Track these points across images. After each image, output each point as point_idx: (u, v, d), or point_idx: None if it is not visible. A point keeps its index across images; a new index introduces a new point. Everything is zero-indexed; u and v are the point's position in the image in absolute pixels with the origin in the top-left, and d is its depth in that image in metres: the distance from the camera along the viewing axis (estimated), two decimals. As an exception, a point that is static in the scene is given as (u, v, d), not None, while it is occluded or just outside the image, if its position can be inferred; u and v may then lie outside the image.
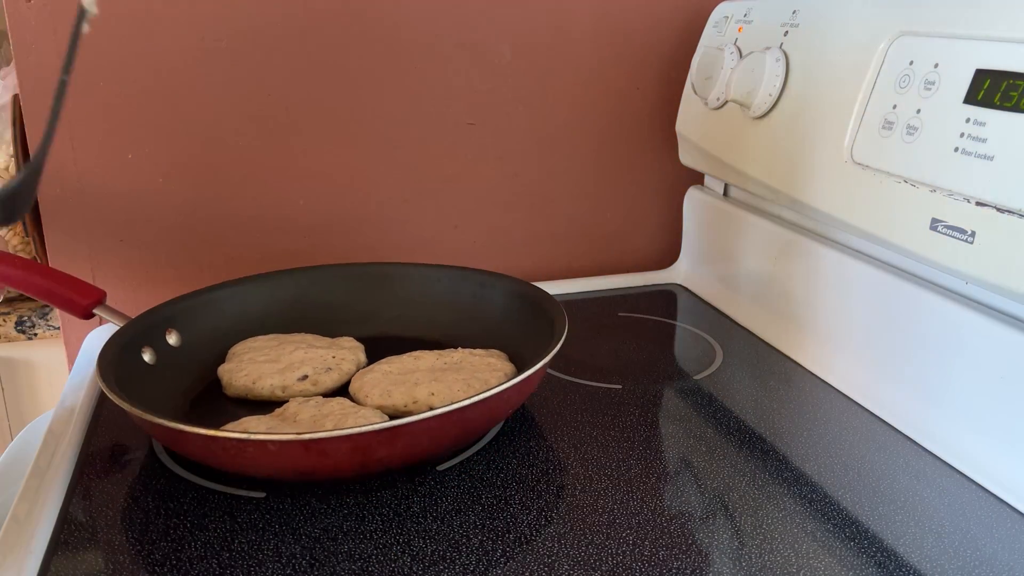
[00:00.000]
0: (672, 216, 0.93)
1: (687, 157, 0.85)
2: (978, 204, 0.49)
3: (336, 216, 0.83)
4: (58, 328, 0.97)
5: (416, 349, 0.65)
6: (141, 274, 0.80)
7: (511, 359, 0.64)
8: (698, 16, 0.85)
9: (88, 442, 0.58)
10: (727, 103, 0.75)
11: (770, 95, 0.68)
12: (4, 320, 1.04)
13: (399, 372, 0.62)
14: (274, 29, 0.76)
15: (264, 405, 0.61)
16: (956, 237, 0.51)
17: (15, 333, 1.04)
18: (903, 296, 0.58)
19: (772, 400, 0.62)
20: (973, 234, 0.49)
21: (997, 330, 0.51)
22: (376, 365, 0.63)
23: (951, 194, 0.51)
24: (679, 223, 0.92)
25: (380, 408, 0.58)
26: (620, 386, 0.64)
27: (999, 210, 0.48)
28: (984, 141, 0.49)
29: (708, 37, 0.80)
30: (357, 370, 0.64)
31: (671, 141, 0.88)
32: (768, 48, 0.69)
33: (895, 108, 0.56)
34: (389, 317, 0.72)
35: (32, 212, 0.80)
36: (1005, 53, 0.49)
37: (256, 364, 0.63)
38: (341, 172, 0.82)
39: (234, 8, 0.75)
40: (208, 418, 0.60)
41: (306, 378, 0.62)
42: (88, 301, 0.63)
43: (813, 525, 0.47)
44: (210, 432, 0.47)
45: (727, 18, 0.78)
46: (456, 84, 0.82)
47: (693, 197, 0.87)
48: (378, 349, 0.67)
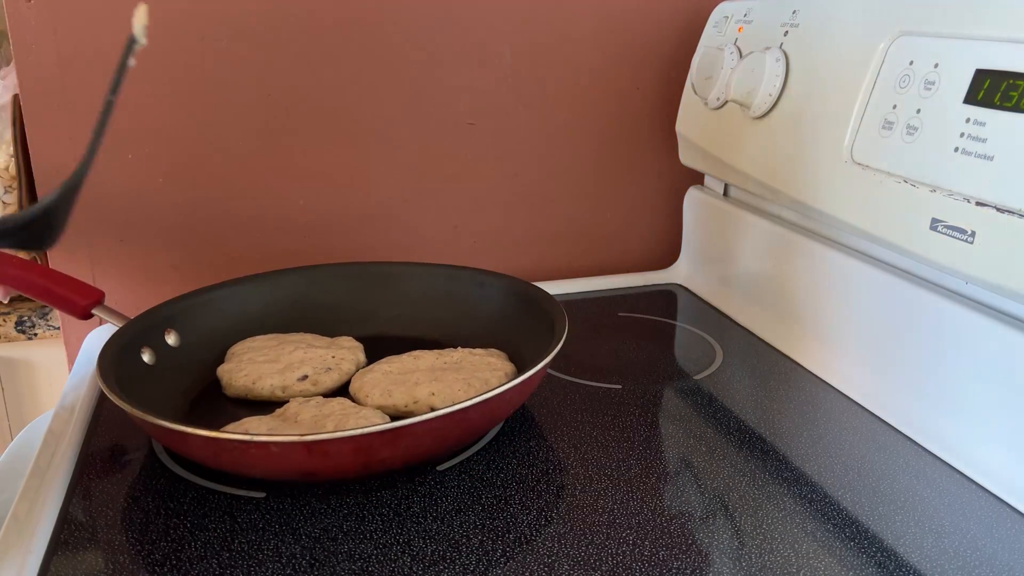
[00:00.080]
0: (672, 216, 0.93)
1: (687, 157, 0.85)
2: (978, 204, 0.49)
3: (336, 216, 0.83)
4: (58, 328, 0.97)
5: (415, 349, 0.65)
6: (141, 274, 0.80)
7: (510, 358, 0.64)
8: (698, 16, 0.85)
9: (88, 442, 0.58)
10: (727, 103, 0.75)
11: (770, 95, 0.68)
12: (4, 320, 1.04)
13: (399, 372, 0.62)
14: (274, 30, 0.76)
15: (264, 405, 0.61)
16: (956, 237, 0.51)
17: (15, 333, 1.04)
18: (903, 296, 0.58)
19: (772, 400, 0.62)
20: (973, 234, 0.49)
21: (997, 330, 0.51)
22: (376, 365, 0.63)
23: (951, 194, 0.51)
24: (679, 223, 0.92)
25: (381, 408, 0.58)
26: (620, 386, 0.64)
27: (999, 210, 0.48)
28: (984, 141, 0.49)
29: (708, 37, 0.80)
30: (357, 370, 0.64)
31: (671, 141, 0.88)
32: (768, 48, 0.69)
33: (895, 108, 0.56)
34: (388, 317, 0.72)
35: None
36: (1005, 53, 0.49)
37: (256, 364, 0.63)
38: (341, 172, 0.82)
39: (234, 8, 0.75)
40: (208, 419, 0.60)
41: (306, 378, 0.62)
42: (87, 302, 0.63)
43: (813, 525, 0.47)
44: (212, 433, 0.47)
45: (727, 18, 0.78)
46: (456, 84, 0.82)
47: (693, 197, 0.87)
48: (377, 349, 0.67)
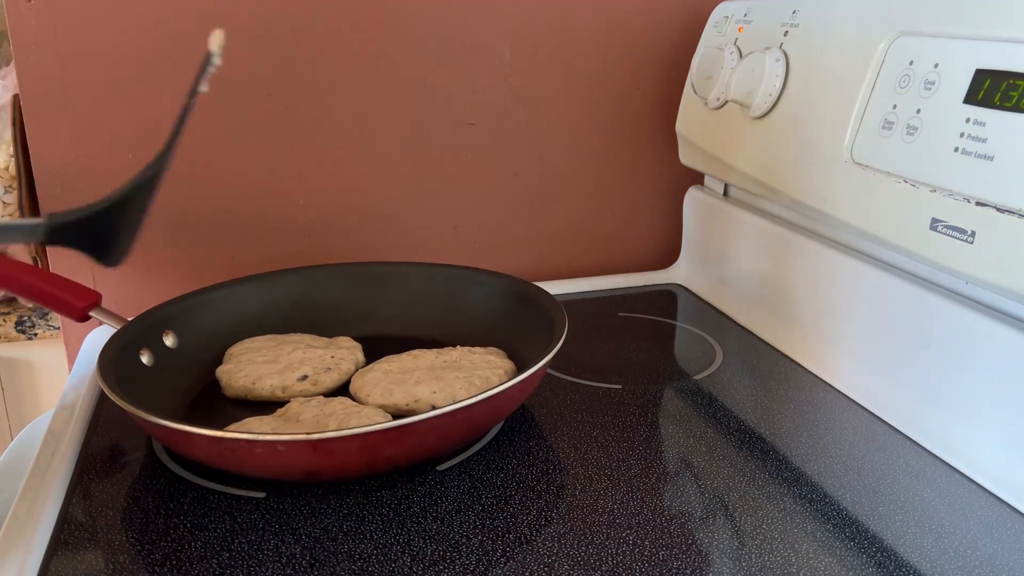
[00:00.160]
0: (672, 216, 0.93)
1: (687, 157, 0.85)
2: (978, 204, 0.49)
3: (336, 216, 0.83)
4: (58, 328, 0.97)
5: (413, 348, 0.65)
6: (141, 274, 0.80)
7: (509, 357, 0.64)
8: (698, 16, 0.85)
9: (88, 442, 0.58)
10: (727, 103, 0.75)
11: (770, 95, 0.68)
12: (4, 320, 1.04)
13: (399, 371, 0.62)
14: (274, 29, 0.76)
15: (263, 406, 0.61)
16: (956, 237, 0.51)
17: (15, 333, 1.04)
18: (903, 296, 0.58)
19: (772, 400, 0.62)
20: (973, 234, 0.49)
21: (997, 330, 0.51)
22: (376, 364, 0.63)
23: (951, 194, 0.51)
24: (679, 223, 0.92)
25: (382, 407, 0.58)
26: (620, 386, 0.64)
27: (999, 210, 0.48)
28: (984, 141, 0.49)
29: (708, 37, 0.80)
30: (356, 370, 0.64)
31: (671, 141, 0.88)
32: (768, 48, 0.69)
33: (895, 108, 0.56)
34: (385, 316, 0.72)
35: (32, 212, 0.80)
36: (1005, 53, 0.49)
37: (255, 365, 0.63)
38: (341, 172, 0.82)
39: (234, 8, 0.75)
40: (208, 419, 0.60)
41: (306, 378, 0.62)
42: (84, 304, 0.62)
43: (813, 525, 0.47)
44: (218, 433, 0.47)
45: (727, 18, 0.78)
46: (456, 84, 0.82)
47: (693, 197, 0.87)
48: (375, 348, 0.67)
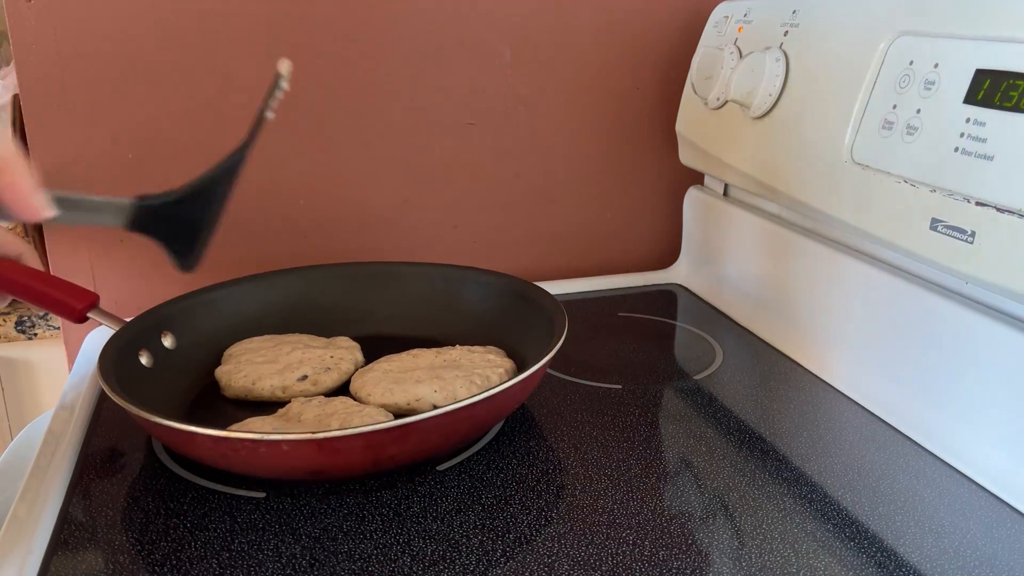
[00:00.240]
0: (672, 216, 0.93)
1: (687, 157, 0.85)
2: (978, 204, 0.49)
3: (336, 217, 0.83)
4: (58, 328, 0.97)
5: (412, 348, 0.65)
6: (141, 274, 0.80)
7: (508, 355, 0.64)
8: (698, 16, 0.84)
9: (88, 442, 0.58)
10: (727, 103, 0.75)
11: (770, 95, 0.68)
12: (4, 320, 1.04)
13: (399, 370, 0.62)
14: (274, 30, 0.76)
15: (263, 406, 0.61)
16: (956, 237, 0.51)
17: (15, 333, 1.04)
18: (903, 296, 0.58)
19: (772, 400, 0.62)
20: (973, 234, 0.49)
21: (997, 330, 0.51)
22: (375, 364, 0.63)
23: (951, 194, 0.51)
24: (679, 223, 0.92)
25: (383, 407, 0.58)
26: (620, 386, 0.64)
27: (999, 210, 0.48)
28: (984, 141, 0.49)
29: (708, 37, 0.80)
30: (355, 369, 0.64)
31: (671, 141, 0.88)
32: (768, 48, 0.69)
33: (895, 108, 0.56)
34: (383, 316, 0.72)
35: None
36: (1005, 53, 0.49)
37: (254, 365, 0.63)
38: (341, 172, 0.82)
39: (234, 9, 0.75)
40: (208, 420, 0.60)
41: (306, 378, 0.62)
42: (82, 305, 0.62)
43: (813, 525, 0.47)
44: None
45: (727, 18, 0.78)
46: (456, 84, 0.82)
47: (693, 197, 0.87)
48: (374, 348, 0.67)
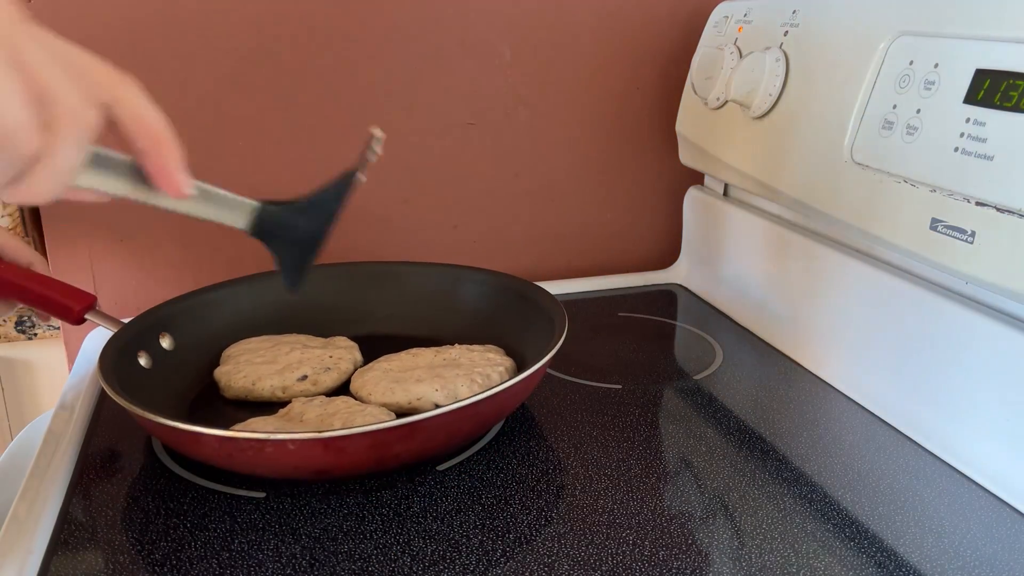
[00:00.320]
0: (672, 216, 0.93)
1: (687, 157, 0.85)
2: (978, 204, 0.49)
3: (336, 216, 0.83)
4: (58, 328, 0.97)
5: (410, 347, 0.65)
6: (141, 274, 0.80)
7: (507, 354, 0.64)
8: (698, 16, 0.84)
9: (88, 442, 0.58)
10: (727, 103, 0.75)
11: (770, 95, 0.68)
12: (4, 320, 1.04)
13: (399, 370, 0.62)
14: (273, 30, 0.76)
15: (263, 407, 0.61)
16: (956, 237, 0.51)
17: (15, 333, 1.04)
18: (903, 296, 0.58)
19: (772, 400, 0.62)
20: (973, 234, 0.49)
21: (997, 330, 0.51)
22: (375, 363, 0.63)
23: (951, 194, 0.51)
24: (679, 223, 0.92)
25: (384, 406, 0.58)
26: (620, 386, 0.64)
27: (999, 210, 0.48)
28: (984, 141, 0.49)
29: (708, 37, 0.80)
30: (355, 369, 0.64)
31: (671, 141, 0.88)
32: (768, 48, 0.69)
33: (895, 108, 0.56)
34: (381, 316, 0.72)
35: (32, 212, 0.80)
36: (1005, 53, 0.49)
37: (253, 366, 0.63)
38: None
39: (233, 8, 0.75)
40: (209, 421, 0.60)
41: (306, 378, 0.62)
42: (80, 306, 0.62)
43: (813, 525, 0.47)
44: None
45: (727, 18, 0.78)
46: (456, 84, 0.82)
47: (693, 197, 0.87)
48: (372, 348, 0.67)
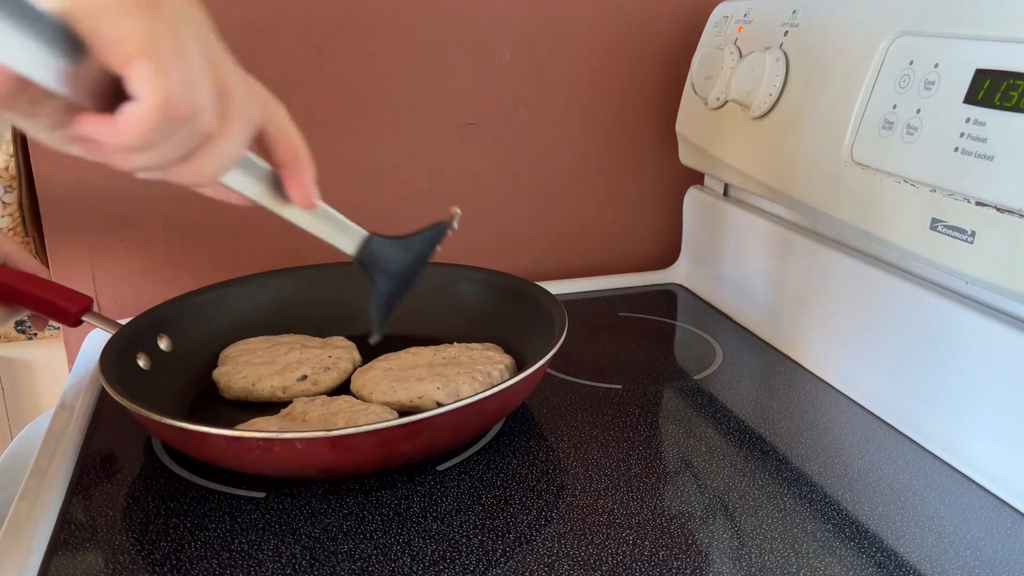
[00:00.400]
0: (672, 216, 0.93)
1: (687, 157, 0.85)
2: (978, 204, 0.49)
3: (336, 216, 0.83)
4: (58, 328, 0.97)
5: (408, 346, 0.65)
6: (140, 274, 0.80)
7: (506, 352, 0.64)
8: (698, 16, 0.84)
9: (88, 442, 0.58)
10: (727, 103, 0.75)
11: (770, 95, 0.68)
12: (4, 320, 1.03)
13: (399, 368, 0.62)
14: (273, 29, 0.76)
15: (263, 407, 0.61)
16: (956, 237, 0.51)
17: (15, 333, 1.04)
18: (903, 296, 0.58)
19: (772, 400, 0.62)
20: (973, 234, 0.49)
21: (997, 330, 0.51)
22: (375, 363, 0.63)
23: (951, 194, 0.51)
24: (679, 223, 0.92)
25: (386, 404, 0.58)
26: (620, 386, 0.64)
27: (999, 210, 0.48)
28: (984, 141, 0.49)
29: (708, 37, 0.80)
30: (354, 368, 0.64)
31: (671, 141, 0.88)
32: (768, 48, 0.69)
33: (895, 108, 0.56)
34: None
35: (32, 212, 0.80)
36: (1005, 53, 0.49)
37: (252, 366, 0.63)
38: (340, 172, 0.82)
39: (234, 8, 0.75)
40: (211, 421, 0.59)
41: (306, 378, 0.62)
42: (77, 308, 0.62)
43: (813, 525, 0.47)
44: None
45: (727, 18, 0.78)
46: (456, 84, 0.82)
47: (693, 197, 0.87)
48: (369, 347, 0.66)
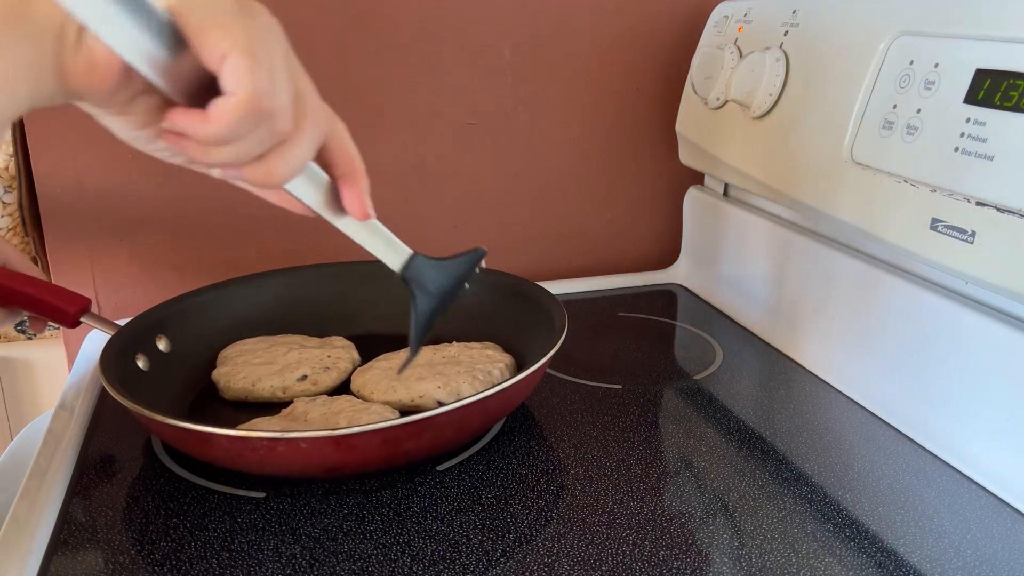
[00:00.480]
0: (672, 216, 0.93)
1: (687, 157, 0.85)
2: (978, 204, 0.49)
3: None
4: (58, 328, 0.97)
5: (406, 345, 0.65)
6: (141, 274, 0.80)
7: (505, 351, 0.64)
8: (698, 16, 0.84)
9: (88, 442, 0.58)
10: (727, 103, 0.75)
11: (770, 95, 0.68)
12: (4, 320, 1.03)
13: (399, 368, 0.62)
14: (274, 29, 0.76)
15: (263, 407, 0.61)
16: (956, 237, 0.51)
17: (15, 333, 1.04)
18: (903, 296, 0.58)
19: (772, 400, 0.62)
20: (973, 234, 0.49)
21: (997, 330, 0.51)
22: (374, 362, 0.63)
23: (951, 194, 0.51)
24: (679, 223, 0.92)
25: (387, 404, 0.58)
26: (620, 386, 0.64)
27: (999, 210, 0.48)
28: (984, 141, 0.49)
29: (708, 37, 0.80)
30: (353, 368, 0.64)
31: (671, 141, 0.88)
32: (768, 48, 0.69)
33: (895, 108, 0.56)
34: (376, 315, 0.72)
35: (32, 212, 0.80)
36: (1005, 53, 0.49)
37: (252, 367, 0.63)
38: (341, 172, 0.82)
39: (234, 8, 0.75)
40: (212, 422, 0.59)
41: (305, 378, 0.62)
42: (75, 309, 0.61)
43: (813, 525, 0.47)
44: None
45: (727, 18, 0.78)
46: (456, 84, 0.82)
47: (693, 197, 0.87)
48: (368, 347, 0.67)
